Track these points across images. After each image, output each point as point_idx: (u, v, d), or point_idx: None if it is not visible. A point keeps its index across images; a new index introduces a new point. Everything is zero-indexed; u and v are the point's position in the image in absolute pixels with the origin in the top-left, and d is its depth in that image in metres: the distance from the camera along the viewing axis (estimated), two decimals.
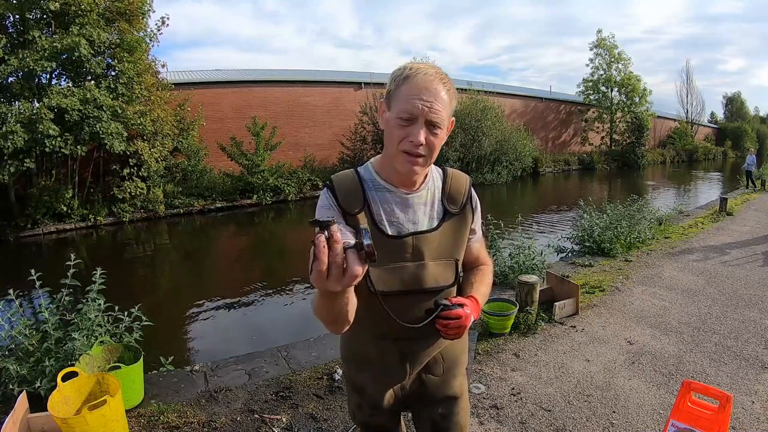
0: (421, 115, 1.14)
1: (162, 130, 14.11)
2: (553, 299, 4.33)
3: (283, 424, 2.77)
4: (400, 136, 1.17)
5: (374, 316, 1.25)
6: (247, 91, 20.01)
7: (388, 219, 1.25)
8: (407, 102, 1.14)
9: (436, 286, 1.28)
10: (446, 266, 1.29)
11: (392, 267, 1.24)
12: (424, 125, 1.15)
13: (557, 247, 7.04)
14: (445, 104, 1.18)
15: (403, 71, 1.18)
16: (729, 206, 10.22)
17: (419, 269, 1.25)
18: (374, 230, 1.22)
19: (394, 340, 1.32)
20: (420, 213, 1.28)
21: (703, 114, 51.14)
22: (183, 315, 6.67)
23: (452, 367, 1.44)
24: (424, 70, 1.17)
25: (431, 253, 1.26)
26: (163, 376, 3.41)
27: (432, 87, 1.15)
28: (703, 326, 4.06)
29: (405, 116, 1.15)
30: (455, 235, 1.31)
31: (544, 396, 3.01)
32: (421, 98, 1.13)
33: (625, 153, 32.54)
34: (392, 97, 1.19)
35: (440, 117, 1.17)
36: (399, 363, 1.35)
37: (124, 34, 12.94)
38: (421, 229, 1.26)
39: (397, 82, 1.18)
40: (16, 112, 10.82)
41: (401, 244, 1.24)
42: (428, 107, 1.14)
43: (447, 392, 1.44)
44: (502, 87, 31.01)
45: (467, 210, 1.34)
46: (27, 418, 2.54)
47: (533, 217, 12.84)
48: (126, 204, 14.20)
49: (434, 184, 1.32)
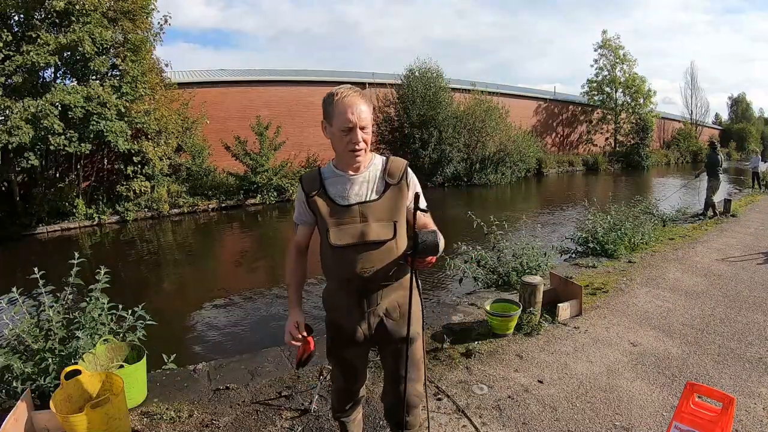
0: (355, 125, 1.65)
1: (166, 128, 14.15)
2: (557, 300, 4.32)
3: (287, 423, 2.77)
4: (345, 142, 1.68)
5: (336, 264, 1.77)
6: (251, 91, 20.05)
7: (340, 195, 1.76)
8: (342, 118, 1.65)
9: (377, 239, 1.73)
10: (386, 225, 1.75)
11: (344, 227, 1.73)
12: (358, 130, 1.66)
13: (561, 248, 7.02)
14: (367, 111, 1.68)
15: (333, 97, 1.67)
16: (733, 208, 10.17)
17: (365, 228, 1.73)
18: (330, 203, 1.76)
19: (350, 282, 1.77)
20: (364, 188, 1.77)
21: (708, 115, 50.93)
22: (186, 314, 6.69)
23: (406, 314, 1.82)
24: (345, 91, 1.67)
25: (374, 216, 1.74)
26: (166, 375, 3.42)
27: (355, 102, 1.65)
28: (706, 328, 4.04)
29: (344, 128, 1.66)
30: (394, 203, 1.77)
31: (547, 397, 3.00)
32: (351, 113, 1.64)
33: (629, 154, 32.45)
34: (330, 117, 1.69)
35: (366, 121, 1.68)
36: (357, 301, 1.81)
37: (128, 33, 12.98)
38: (365, 200, 1.75)
39: (330, 105, 1.68)
40: (20, 108, 10.86)
41: (350, 210, 1.74)
42: (357, 117, 1.64)
43: (401, 333, 1.85)
44: (506, 88, 30.94)
45: (403, 184, 1.79)
46: (31, 416, 2.56)
47: (537, 218, 12.82)
48: (130, 203, 14.26)
49: (375, 168, 1.80)
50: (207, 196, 16.01)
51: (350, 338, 1.87)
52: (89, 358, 2.89)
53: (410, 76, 21.58)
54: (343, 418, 2.16)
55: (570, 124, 33.66)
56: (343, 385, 2.05)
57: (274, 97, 20.44)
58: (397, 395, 1.95)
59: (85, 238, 12.66)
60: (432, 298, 6.18)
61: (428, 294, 6.37)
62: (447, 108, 21.47)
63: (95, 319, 3.10)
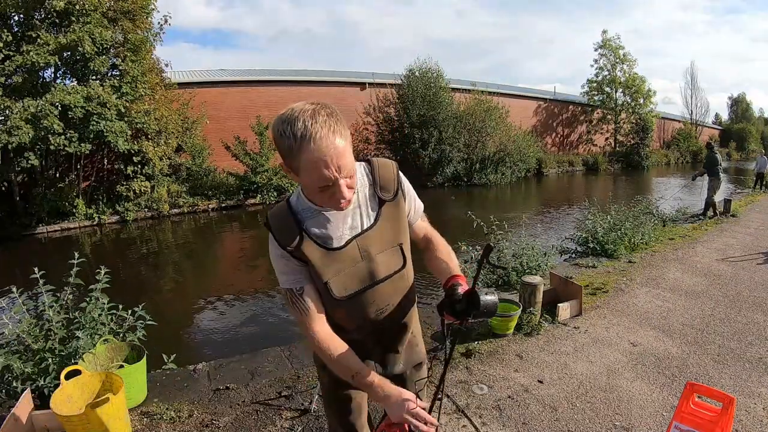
0: (338, 177, 1.16)
1: (166, 128, 14.15)
2: (557, 300, 4.32)
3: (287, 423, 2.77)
4: (325, 197, 1.22)
5: (346, 317, 1.40)
6: (251, 91, 20.05)
7: (329, 236, 1.31)
8: (316, 172, 1.14)
9: (388, 273, 1.39)
10: (393, 252, 1.40)
11: (347, 272, 1.34)
12: (342, 181, 1.17)
13: (561, 248, 7.02)
14: (348, 151, 1.17)
15: (295, 137, 1.12)
16: (733, 208, 10.16)
17: (371, 264, 1.36)
18: (320, 248, 1.31)
19: (362, 328, 1.43)
20: (356, 217, 1.34)
21: (708, 115, 50.97)
22: (186, 314, 6.69)
23: (417, 335, 1.62)
24: (316, 131, 1.11)
25: (377, 247, 1.36)
26: (166, 375, 3.42)
27: (332, 147, 1.12)
28: (706, 328, 4.04)
29: (322, 185, 1.17)
30: (394, 223, 1.39)
31: (547, 397, 3.00)
32: (329, 166, 1.13)
33: (629, 154, 32.45)
34: (294, 164, 1.17)
35: (349, 167, 1.18)
36: (372, 342, 1.48)
37: (128, 33, 12.99)
38: (361, 230, 1.34)
39: (292, 149, 1.14)
40: (20, 108, 10.87)
41: (348, 250, 1.33)
42: (338, 169, 1.14)
43: (416, 358, 1.62)
44: (506, 88, 30.95)
45: (399, 194, 1.39)
46: (31, 416, 2.56)
47: (537, 218, 12.82)
48: (130, 203, 14.26)
49: (362, 184, 1.35)
50: (207, 196, 16.01)
51: None
52: (89, 358, 2.89)
53: (410, 76, 21.57)
54: None
55: (570, 124, 33.65)
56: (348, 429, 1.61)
57: (274, 97, 20.43)
58: None
59: (85, 238, 12.66)
60: (432, 298, 6.18)
61: (428, 294, 6.37)
62: (447, 108, 21.46)
63: (95, 319, 3.10)
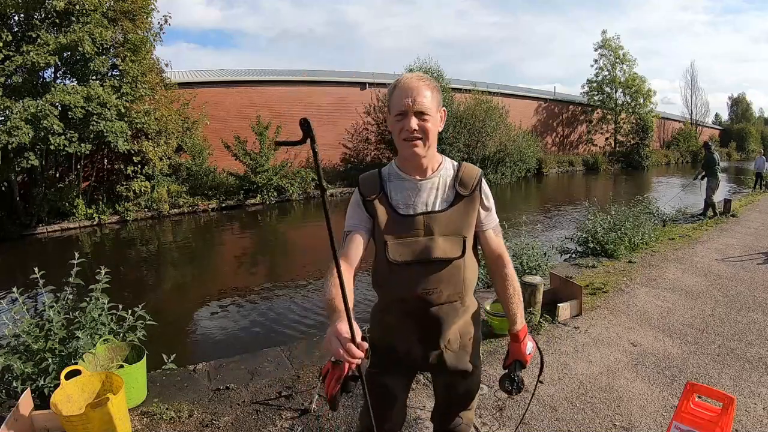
0: (409, 109, 1.42)
1: (166, 128, 14.15)
2: (557, 300, 4.32)
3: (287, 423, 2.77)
4: (398, 129, 1.46)
5: (393, 283, 1.52)
6: (251, 91, 20.06)
7: (403, 202, 1.52)
8: (397, 103, 1.45)
9: (443, 257, 1.49)
10: (454, 241, 1.50)
11: (406, 241, 1.48)
12: (413, 116, 1.43)
13: (561, 248, 7.02)
14: (428, 96, 1.44)
15: (394, 83, 1.49)
16: (733, 208, 10.17)
17: (430, 242, 1.48)
18: (391, 211, 1.51)
19: (405, 302, 1.52)
20: (432, 196, 1.52)
21: (708, 115, 50.98)
22: (186, 314, 6.69)
23: (466, 345, 1.62)
24: (408, 76, 1.47)
25: (441, 230, 1.49)
26: (166, 375, 3.42)
27: (413, 85, 1.43)
28: (706, 328, 4.04)
29: (397, 113, 1.45)
30: (464, 216, 1.53)
31: (547, 397, 3.00)
32: (406, 97, 1.42)
33: (629, 154, 32.45)
34: (389, 105, 1.50)
35: (425, 106, 1.43)
36: (414, 326, 1.55)
37: (128, 33, 12.98)
38: (432, 210, 1.51)
39: (390, 92, 1.50)
40: (20, 108, 10.86)
41: (413, 221, 1.49)
42: (412, 101, 1.42)
43: (459, 366, 1.61)
44: (506, 87, 30.95)
45: (476, 195, 1.55)
46: (31, 416, 2.56)
47: (537, 218, 12.82)
48: (130, 203, 14.26)
49: (446, 173, 1.56)
50: (207, 196, 16.01)
51: (398, 363, 1.63)
52: (89, 358, 2.89)
53: None
54: None
55: (570, 124, 33.66)
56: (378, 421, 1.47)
57: (274, 97, 20.44)
58: (444, 425, 1.77)
59: (85, 238, 12.66)
60: None
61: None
62: (447, 108, 21.42)
63: (95, 319, 3.10)
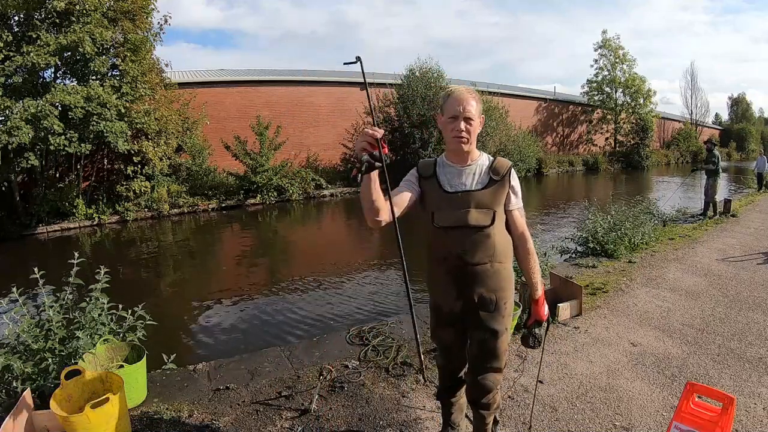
0: (460, 115, 1.92)
1: (166, 128, 14.15)
2: (557, 300, 4.32)
3: (293, 417, 2.77)
4: (451, 128, 1.95)
5: (438, 244, 2.04)
6: (251, 91, 20.06)
7: (448, 182, 2.02)
8: (451, 109, 1.94)
9: (476, 224, 1.95)
10: (485, 213, 1.97)
11: (449, 211, 1.98)
12: (462, 120, 1.92)
13: (561, 248, 7.01)
14: (474, 106, 1.94)
15: (448, 92, 2.00)
16: (733, 208, 10.16)
17: (467, 213, 1.96)
18: (439, 188, 2.01)
19: (447, 260, 2.00)
20: (470, 179, 2.01)
21: (708, 115, 50.96)
22: (186, 314, 6.69)
23: (501, 308, 2.04)
24: (459, 88, 1.99)
25: (475, 203, 1.96)
26: (166, 375, 3.42)
27: (464, 97, 1.94)
28: (706, 328, 4.04)
29: (450, 116, 1.95)
30: (494, 195, 1.99)
31: (547, 397, 3.00)
32: (458, 105, 1.92)
33: (629, 154, 32.44)
34: (443, 108, 1.99)
35: (471, 114, 1.93)
36: (453, 281, 2.02)
37: (128, 33, 12.98)
38: (469, 189, 1.99)
39: (444, 99, 1.99)
40: (20, 108, 10.86)
41: (455, 196, 1.98)
42: (463, 109, 1.92)
43: (492, 325, 2.03)
44: (506, 87, 30.94)
45: (506, 180, 2.00)
46: (31, 416, 2.56)
47: (537, 218, 12.82)
48: (130, 203, 14.26)
49: (482, 162, 2.04)
50: (207, 196, 16.01)
51: (445, 318, 2.11)
52: (89, 358, 2.89)
53: (410, 76, 21.55)
54: (444, 398, 2.36)
55: (570, 124, 33.66)
56: (442, 362, 2.28)
57: (274, 97, 20.44)
58: (474, 380, 2.12)
59: (85, 238, 12.66)
60: None
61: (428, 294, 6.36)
62: None
63: (95, 319, 3.10)
